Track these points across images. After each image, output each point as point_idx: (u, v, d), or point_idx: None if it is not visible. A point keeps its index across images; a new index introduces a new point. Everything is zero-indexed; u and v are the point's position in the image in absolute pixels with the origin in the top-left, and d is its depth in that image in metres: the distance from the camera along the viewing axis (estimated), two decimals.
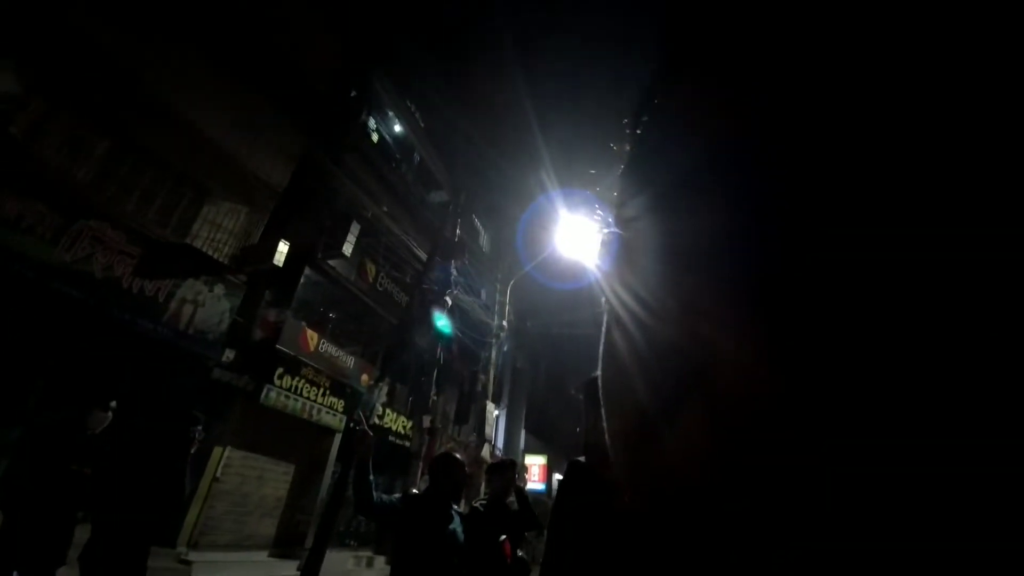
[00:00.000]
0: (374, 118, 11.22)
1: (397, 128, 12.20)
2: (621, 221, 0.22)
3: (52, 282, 5.44)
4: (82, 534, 2.76)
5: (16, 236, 5.22)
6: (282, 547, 8.29)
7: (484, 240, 15.88)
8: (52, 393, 5.26)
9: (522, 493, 3.21)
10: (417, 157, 12.93)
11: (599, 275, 0.23)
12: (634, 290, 0.19)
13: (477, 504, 2.90)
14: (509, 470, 3.24)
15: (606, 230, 0.23)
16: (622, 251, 0.21)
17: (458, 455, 2.78)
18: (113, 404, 2.95)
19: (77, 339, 5.65)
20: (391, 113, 11.83)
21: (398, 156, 12.13)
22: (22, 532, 2.57)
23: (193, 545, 6.86)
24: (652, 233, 0.19)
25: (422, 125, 12.76)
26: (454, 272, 9.58)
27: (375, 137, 11.29)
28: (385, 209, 10.69)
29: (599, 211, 0.24)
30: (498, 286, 12.41)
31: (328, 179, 9.17)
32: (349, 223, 9.19)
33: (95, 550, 2.68)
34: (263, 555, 8.00)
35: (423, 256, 10.21)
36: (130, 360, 6.03)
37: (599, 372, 0.24)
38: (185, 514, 6.70)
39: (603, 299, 0.23)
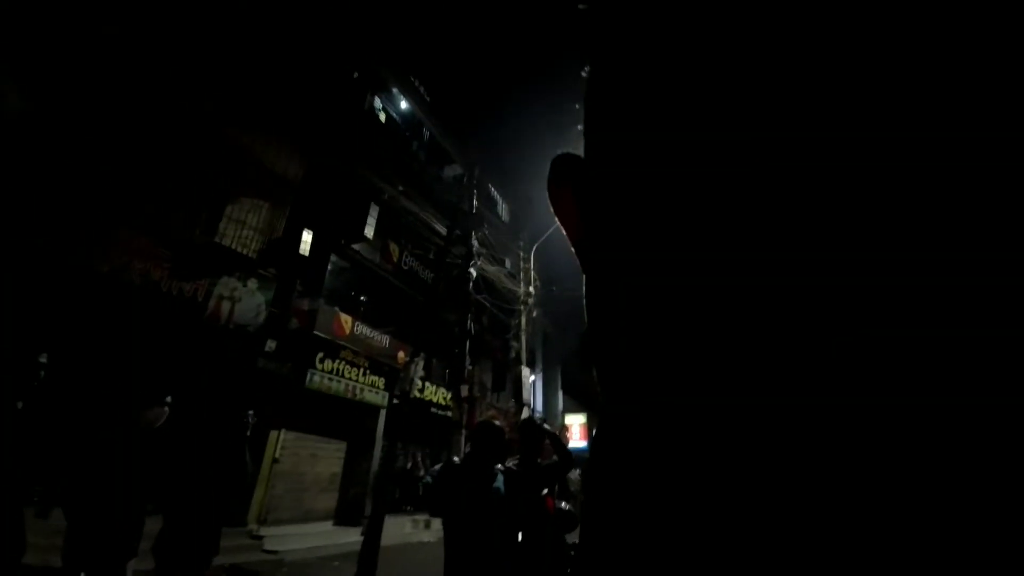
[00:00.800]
0: (379, 98, 11.13)
1: (404, 105, 12.08)
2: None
3: (91, 292, 5.74)
4: (153, 525, 2.95)
5: (55, 250, 5.49)
6: (343, 517, 8.86)
7: (503, 209, 15.79)
8: (107, 397, 5.65)
9: (554, 436, 3.29)
10: (427, 133, 12.83)
11: None
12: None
13: (511, 464, 3.00)
14: (540, 435, 3.31)
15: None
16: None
17: (497, 422, 2.88)
18: (168, 399, 3.12)
19: (124, 343, 6.00)
20: (395, 90, 11.70)
21: (408, 134, 12.06)
22: (88, 533, 2.65)
23: (262, 522, 7.40)
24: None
25: (428, 99, 12.59)
26: (476, 244, 9.62)
27: (383, 117, 11.23)
28: (401, 189, 10.74)
29: None
30: (521, 254, 12.40)
31: (342, 165, 9.24)
32: (367, 206, 9.30)
33: (168, 539, 2.92)
34: (327, 525, 8.57)
35: (443, 231, 10.27)
36: (178, 358, 6.38)
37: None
38: (251, 494, 7.21)
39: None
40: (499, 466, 2.78)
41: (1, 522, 2.31)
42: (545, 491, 3.15)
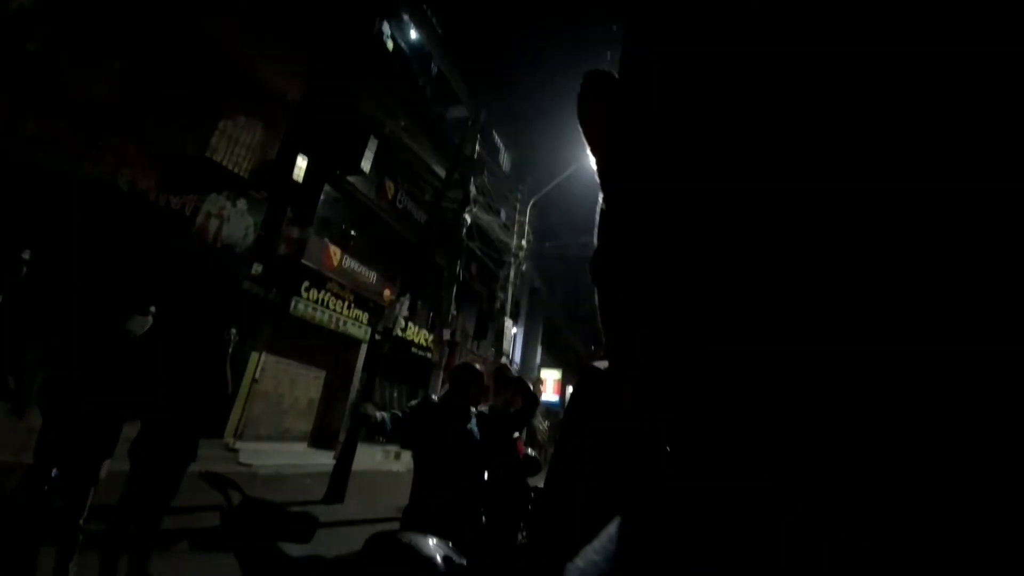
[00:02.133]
0: (389, 24, 10.53)
1: (413, 35, 11.46)
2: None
3: (80, 196, 5.57)
4: (130, 431, 3.04)
5: (41, 153, 5.29)
6: (318, 441, 9.19)
7: (504, 158, 15.44)
8: (88, 303, 5.64)
9: (521, 381, 3.42)
10: (435, 68, 12.27)
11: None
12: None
13: (483, 409, 3.13)
14: (515, 386, 3.44)
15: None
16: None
17: (478, 366, 2.97)
18: (152, 309, 3.13)
19: (110, 250, 5.92)
20: (406, 17, 11.06)
21: (415, 67, 11.52)
22: (63, 431, 2.70)
23: (238, 436, 7.65)
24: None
25: (440, 31, 11.95)
26: (473, 190, 9.47)
27: (390, 44, 10.67)
28: (403, 124, 10.38)
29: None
30: (518, 206, 12.26)
31: (343, 90, 8.85)
32: (367, 138, 9.01)
33: (144, 443, 3.02)
34: (302, 446, 8.90)
35: (442, 173, 10.06)
36: (164, 270, 6.33)
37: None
38: (230, 410, 7.40)
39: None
40: (474, 409, 2.90)
41: None
42: (516, 435, 3.31)
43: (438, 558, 1.57)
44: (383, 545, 1.67)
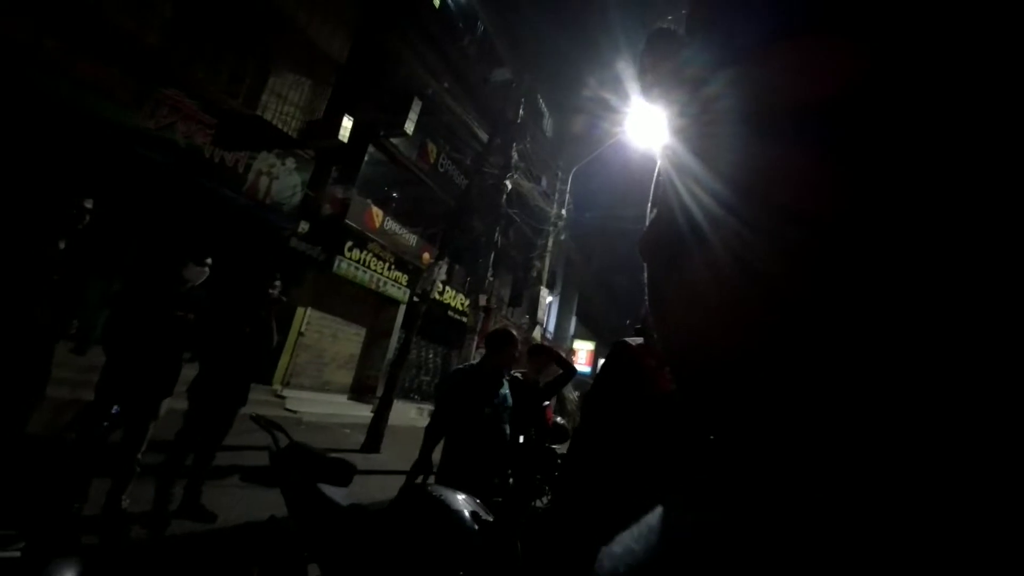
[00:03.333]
0: None
1: None
2: (684, 87, 0.20)
3: (137, 147, 5.83)
4: (188, 373, 3.27)
5: (96, 100, 5.51)
6: (357, 393, 9.66)
7: (548, 124, 15.04)
8: (147, 250, 5.99)
9: (557, 354, 3.48)
10: (481, 28, 11.93)
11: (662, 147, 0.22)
12: (703, 161, 0.18)
13: (516, 374, 3.18)
14: (546, 356, 3.49)
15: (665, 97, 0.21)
16: (687, 121, 0.20)
17: (513, 332, 3.00)
18: (208, 260, 3.31)
19: (166, 201, 6.24)
20: None
21: (460, 25, 11.24)
22: (126, 369, 2.89)
23: (285, 384, 8.13)
24: (731, 96, 0.17)
25: None
26: (515, 156, 9.33)
27: (436, 1, 10.42)
28: (446, 86, 10.24)
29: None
30: (559, 174, 12.00)
31: (388, 50, 8.77)
32: (411, 100, 8.96)
33: (202, 384, 3.26)
34: (343, 398, 9.38)
35: (484, 137, 9.93)
36: (218, 224, 6.64)
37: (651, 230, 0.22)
38: (277, 360, 7.85)
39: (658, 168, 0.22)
40: (507, 374, 2.95)
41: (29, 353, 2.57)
42: (546, 403, 3.37)
43: (466, 512, 1.64)
44: (415, 497, 1.76)
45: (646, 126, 9.39)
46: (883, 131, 0.13)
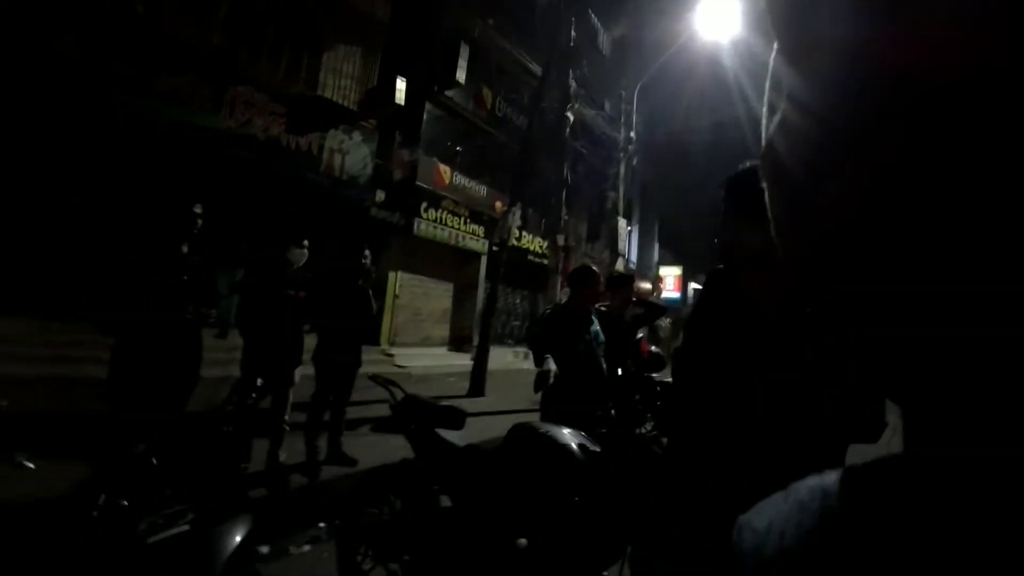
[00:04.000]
0: None
1: None
2: None
3: (225, 147, 6.36)
4: (310, 342, 3.68)
5: (180, 110, 6.01)
6: (455, 344, 10.29)
7: (604, 41, 13.88)
8: (256, 240, 6.63)
9: (643, 301, 3.43)
10: None
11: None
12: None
13: (601, 307, 3.17)
14: (628, 285, 3.43)
15: None
16: None
17: (594, 267, 2.98)
18: (305, 242, 3.62)
19: (259, 193, 6.79)
20: None
21: None
22: (260, 346, 3.35)
23: (391, 343, 8.87)
24: None
25: None
26: (573, 84, 8.81)
27: None
28: (491, 23, 9.76)
29: None
30: (623, 94, 11.17)
31: None
32: (458, 46, 8.72)
33: (322, 351, 3.66)
34: (443, 350, 10.06)
35: (538, 71, 9.46)
36: (305, 205, 7.15)
37: (770, 142, 0.19)
38: (380, 323, 8.54)
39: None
40: (595, 309, 2.97)
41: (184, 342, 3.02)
42: (640, 335, 3.35)
43: (573, 445, 1.73)
44: (524, 435, 1.88)
45: (717, 18, 8.31)
46: None
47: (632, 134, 10.50)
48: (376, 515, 2.23)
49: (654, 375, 3.71)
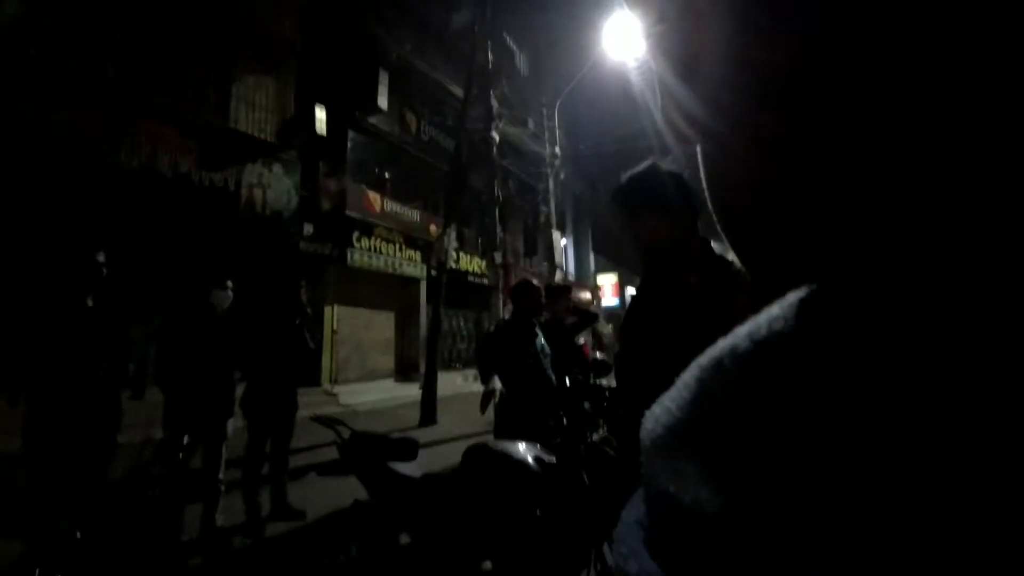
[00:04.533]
0: None
1: None
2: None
3: (128, 187, 5.87)
4: (240, 391, 3.41)
5: (73, 145, 5.49)
6: (401, 374, 9.98)
7: (521, 61, 14.36)
8: (171, 285, 6.14)
9: (576, 309, 3.56)
10: None
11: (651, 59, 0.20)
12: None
13: (546, 318, 3.23)
14: (565, 295, 3.53)
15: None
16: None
17: (534, 281, 3.02)
18: (229, 283, 3.39)
19: (172, 235, 6.30)
20: None
21: None
22: (184, 400, 3.05)
23: (334, 381, 8.45)
24: None
25: None
26: (495, 104, 9.01)
27: None
28: (409, 48, 9.82)
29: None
30: (544, 111, 11.58)
31: (342, 25, 8.40)
32: (376, 72, 8.67)
33: (251, 397, 3.41)
34: (390, 381, 9.72)
35: (459, 93, 9.60)
36: (226, 245, 6.72)
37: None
38: (320, 360, 8.12)
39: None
40: (537, 321, 3.00)
41: (99, 407, 2.72)
42: (582, 341, 3.43)
43: (530, 459, 1.72)
44: (479, 455, 1.85)
45: (623, 38, 8.87)
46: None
47: (557, 149, 10.88)
48: (332, 567, 2.09)
49: (602, 381, 3.80)
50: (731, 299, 0.98)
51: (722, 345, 0.19)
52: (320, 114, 8.02)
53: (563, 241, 12.32)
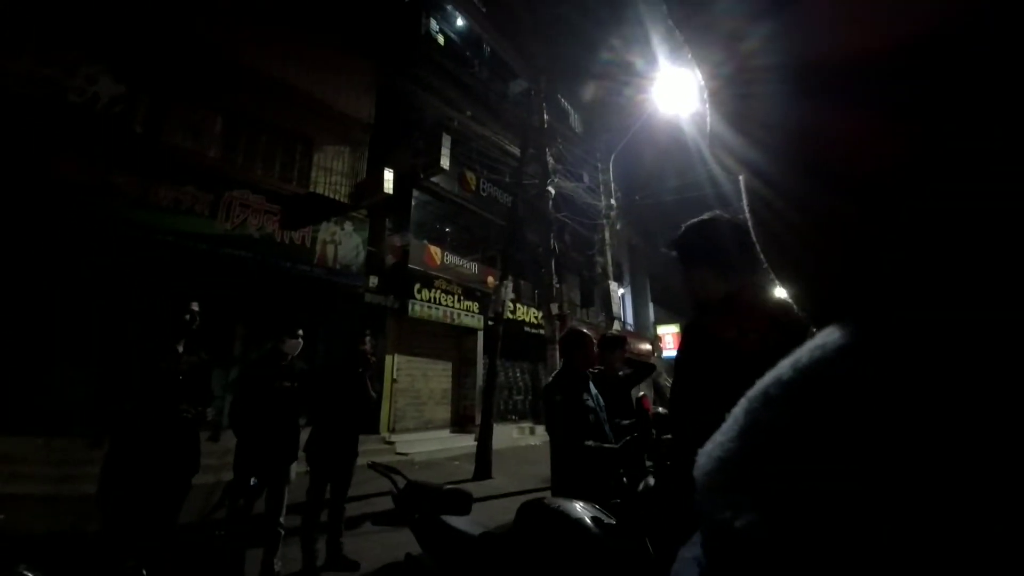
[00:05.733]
0: (434, 19, 10.69)
1: (460, 22, 11.50)
2: (719, 43, 0.18)
3: (222, 248, 6.60)
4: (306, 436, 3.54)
5: (177, 218, 6.31)
6: (457, 425, 9.95)
7: (575, 120, 14.95)
8: (251, 336, 6.63)
9: (631, 360, 3.42)
10: (487, 48, 12.22)
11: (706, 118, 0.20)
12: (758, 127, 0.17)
13: (597, 369, 3.12)
14: (621, 346, 3.42)
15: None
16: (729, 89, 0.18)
17: (584, 330, 2.97)
18: (300, 332, 3.61)
19: (255, 289, 6.90)
20: (449, 8, 11.12)
21: (468, 53, 11.58)
22: (253, 444, 3.21)
23: (392, 430, 8.57)
24: (773, 51, 0.15)
25: (483, 10, 11.83)
26: (551, 160, 9.35)
27: (441, 39, 10.83)
28: (469, 113, 10.54)
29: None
30: (599, 165, 11.83)
31: (409, 98, 9.23)
32: (440, 136, 9.33)
33: (315, 443, 3.51)
34: (445, 432, 9.70)
35: (516, 152, 10.07)
36: (300, 297, 7.24)
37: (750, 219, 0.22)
38: (379, 409, 8.30)
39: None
40: (590, 372, 2.91)
41: (181, 448, 2.91)
42: (641, 394, 3.28)
43: (587, 519, 1.63)
44: (534, 512, 1.78)
45: (676, 92, 9.03)
46: (962, 84, 0.11)
47: (612, 201, 10.97)
48: None
49: (666, 436, 3.59)
50: (778, 355, 0.92)
51: (768, 377, 0.19)
52: (388, 175, 8.69)
53: (620, 291, 12.14)
